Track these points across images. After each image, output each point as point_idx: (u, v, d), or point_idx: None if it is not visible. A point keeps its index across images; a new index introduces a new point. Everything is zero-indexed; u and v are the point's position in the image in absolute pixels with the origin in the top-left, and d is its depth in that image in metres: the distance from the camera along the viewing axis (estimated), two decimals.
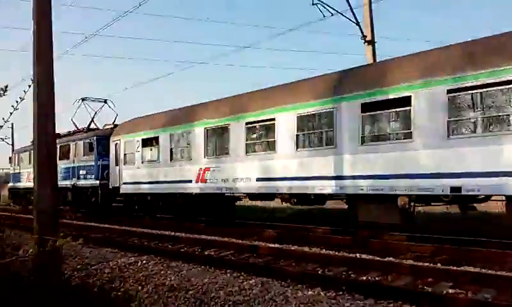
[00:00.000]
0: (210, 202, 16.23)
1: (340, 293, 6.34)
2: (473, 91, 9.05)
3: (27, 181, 26.83)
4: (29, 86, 3.81)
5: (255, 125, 13.59)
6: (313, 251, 9.65)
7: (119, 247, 11.00)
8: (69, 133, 24.63)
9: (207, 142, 14.98)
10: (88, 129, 23.86)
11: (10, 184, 30.94)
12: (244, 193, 14.49)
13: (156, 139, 17.35)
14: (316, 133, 12.09)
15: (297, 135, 12.20)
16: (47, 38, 7.66)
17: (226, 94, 20.79)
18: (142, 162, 18.02)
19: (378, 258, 8.46)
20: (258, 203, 20.06)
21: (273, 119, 12.84)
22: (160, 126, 17.31)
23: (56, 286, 6.65)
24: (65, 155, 23.20)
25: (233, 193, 14.80)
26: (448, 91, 9.32)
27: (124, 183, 18.96)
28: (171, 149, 16.60)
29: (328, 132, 11.67)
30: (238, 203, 17.83)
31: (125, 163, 19.07)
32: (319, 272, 7.90)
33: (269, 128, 13.14)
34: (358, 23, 18.02)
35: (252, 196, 14.76)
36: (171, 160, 16.57)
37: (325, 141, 11.73)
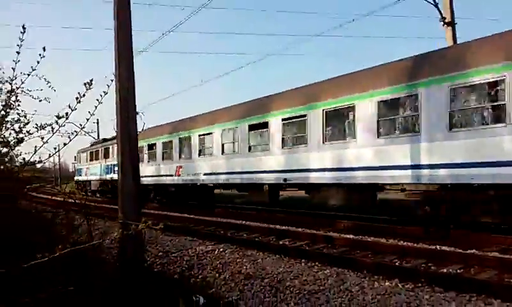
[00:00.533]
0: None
1: (419, 285, 6.16)
2: None
3: (84, 175, 36.23)
4: (112, 81, 4.06)
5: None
6: (390, 242, 9.43)
7: (197, 236, 11.40)
8: (111, 138, 31.33)
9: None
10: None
11: (76, 177, 39.61)
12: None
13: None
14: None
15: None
16: (127, 37, 8.09)
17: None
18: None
19: (460, 250, 8.10)
20: None
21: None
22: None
23: (139, 272, 7.06)
24: (106, 155, 30.97)
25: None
26: None
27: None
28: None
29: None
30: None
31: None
32: (397, 264, 7.72)
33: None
34: (436, 5, 17.17)
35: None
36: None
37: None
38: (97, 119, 51.75)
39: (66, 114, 3.41)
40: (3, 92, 4.68)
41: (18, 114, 4.65)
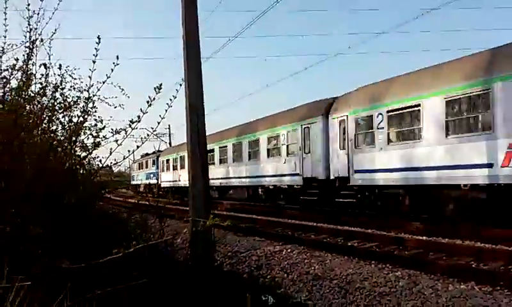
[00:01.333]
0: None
1: (498, 288, 5.84)
2: None
3: (136, 180, 48.14)
4: (180, 85, 4.23)
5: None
6: (465, 243, 8.99)
7: (265, 236, 11.49)
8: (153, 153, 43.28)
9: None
10: (153, 152, 43.15)
11: (132, 182, 50.10)
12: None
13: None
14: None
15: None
16: (195, 43, 8.35)
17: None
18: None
19: None
20: None
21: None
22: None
23: (209, 271, 7.24)
24: (147, 166, 43.00)
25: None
26: None
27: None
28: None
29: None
30: None
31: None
32: (473, 266, 7.35)
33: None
34: None
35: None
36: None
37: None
38: (169, 125, 53.84)
39: (138, 117, 3.60)
40: (81, 99, 5.03)
41: (95, 120, 4.97)
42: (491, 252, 7.98)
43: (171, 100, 3.88)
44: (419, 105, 12.30)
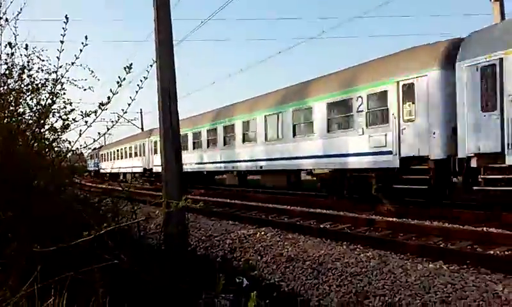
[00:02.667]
0: None
1: (464, 266, 6.04)
2: None
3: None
4: (151, 66, 4.17)
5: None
6: (434, 224, 9.24)
7: (238, 220, 11.54)
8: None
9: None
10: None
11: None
12: None
13: None
14: None
15: None
16: (167, 26, 8.20)
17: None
18: None
19: (508, 232, 7.85)
20: None
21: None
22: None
23: (183, 255, 7.23)
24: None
25: None
26: None
27: None
28: None
29: None
30: None
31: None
32: (441, 246, 7.57)
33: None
34: None
35: None
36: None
37: None
38: (140, 109, 53.12)
39: (108, 98, 3.54)
40: (50, 81, 4.90)
41: (64, 102, 4.86)
42: (459, 232, 8.22)
43: (141, 81, 3.82)
44: None
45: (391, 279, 5.94)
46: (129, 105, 3.83)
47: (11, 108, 4.81)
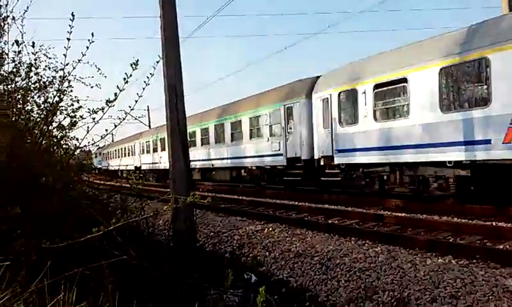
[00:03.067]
0: None
1: (474, 261, 6.00)
2: None
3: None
4: (157, 62, 4.17)
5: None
6: (443, 219, 9.19)
7: (246, 216, 11.55)
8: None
9: None
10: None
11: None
12: None
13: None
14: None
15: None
16: (173, 22, 8.21)
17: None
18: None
19: None
20: None
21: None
22: None
23: (192, 251, 7.25)
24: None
25: None
26: None
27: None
28: None
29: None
30: None
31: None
32: (450, 241, 7.52)
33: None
34: None
35: None
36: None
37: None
38: (147, 106, 53.24)
39: (115, 94, 3.55)
40: (57, 79, 4.92)
41: (71, 99, 4.88)
42: (468, 227, 8.17)
43: (148, 77, 3.83)
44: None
45: (400, 274, 5.91)
46: (136, 102, 3.85)
47: (19, 106, 4.85)
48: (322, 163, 15.43)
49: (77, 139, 4.36)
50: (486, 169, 10.36)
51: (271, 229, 9.44)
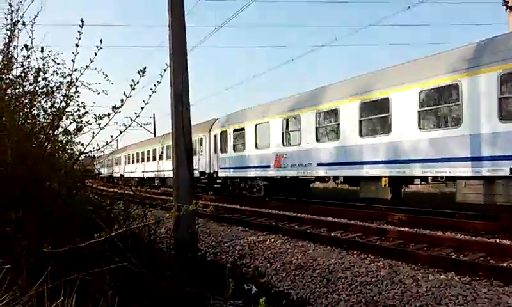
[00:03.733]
0: None
1: (477, 278, 5.95)
2: None
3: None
4: (164, 70, 4.19)
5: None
6: (446, 235, 9.13)
7: (248, 226, 11.52)
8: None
9: None
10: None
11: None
12: None
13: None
14: None
15: None
16: (181, 30, 8.28)
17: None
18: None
19: None
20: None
21: None
22: None
23: (193, 260, 7.24)
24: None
25: None
26: None
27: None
28: None
29: None
30: None
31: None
32: (453, 257, 7.47)
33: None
34: None
35: None
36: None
37: None
38: (153, 114, 53.51)
39: (122, 101, 3.57)
40: (64, 85, 4.96)
41: (77, 105, 4.91)
42: (472, 243, 8.11)
43: (155, 85, 3.85)
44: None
45: (401, 290, 5.88)
46: (142, 108, 3.86)
47: (26, 110, 4.88)
48: (215, 175, 22.68)
49: (82, 145, 4.38)
50: (279, 181, 17.73)
51: (272, 240, 9.41)
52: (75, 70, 4.64)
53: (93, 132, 4.10)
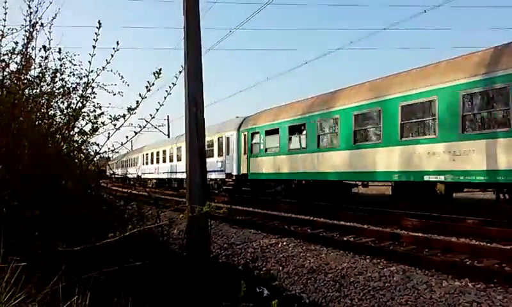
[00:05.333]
0: None
1: (491, 285, 5.86)
2: None
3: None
4: (180, 72, 4.21)
5: None
6: (461, 241, 9.02)
7: (261, 229, 11.50)
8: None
9: None
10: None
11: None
12: None
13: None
14: None
15: None
16: (196, 33, 8.32)
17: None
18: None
19: None
20: None
21: None
22: None
23: (205, 262, 7.25)
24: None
25: None
26: None
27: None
28: None
29: None
30: None
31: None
32: (467, 263, 7.37)
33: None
34: None
35: None
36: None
37: None
38: (167, 116, 53.84)
39: (137, 102, 3.60)
40: (81, 86, 5.02)
41: (93, 106, 4.97)
42: (486, 250, 8.01)
43: (170, 87, 3.88)
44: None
45: (414, 295, 5.82)
46: (157, 110, 3.89)
47: (43, 110, 4.95)
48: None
49: (98, 145, 4.43)
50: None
51: (285, 243, 9.39)
52: (92, 71, 4.70)
53: (109, 133, 4.14)
